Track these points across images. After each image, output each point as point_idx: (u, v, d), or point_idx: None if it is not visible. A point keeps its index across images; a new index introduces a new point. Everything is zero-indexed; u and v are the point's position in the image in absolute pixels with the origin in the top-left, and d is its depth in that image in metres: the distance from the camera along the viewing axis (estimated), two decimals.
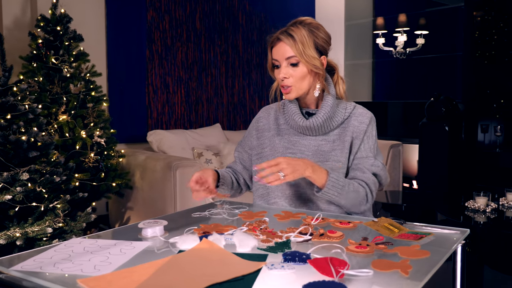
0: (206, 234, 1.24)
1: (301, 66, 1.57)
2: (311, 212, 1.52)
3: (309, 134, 1.65)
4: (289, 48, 1.55)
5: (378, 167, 1.63)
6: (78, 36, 3.30)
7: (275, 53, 1.58)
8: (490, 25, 4.83)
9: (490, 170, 4.55)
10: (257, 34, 4.81)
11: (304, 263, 1.02)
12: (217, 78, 4.52)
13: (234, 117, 4.67)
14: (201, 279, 0.94)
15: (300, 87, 1.59)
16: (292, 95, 1.60)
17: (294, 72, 1.57)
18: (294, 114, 1.64)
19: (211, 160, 3.67)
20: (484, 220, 2.74)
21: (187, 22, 4.30)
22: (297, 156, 1.64)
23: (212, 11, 4.47)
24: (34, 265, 1.06)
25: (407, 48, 4.93)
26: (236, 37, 4.65)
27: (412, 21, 4.90)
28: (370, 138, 1.65)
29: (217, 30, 4.51)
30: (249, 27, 4.75)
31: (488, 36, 4.86)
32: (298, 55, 1.55)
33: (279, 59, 1.57)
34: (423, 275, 0.97)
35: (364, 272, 0.97)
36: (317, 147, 1.64)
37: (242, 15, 4.69)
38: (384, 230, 1.26)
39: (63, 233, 2.84)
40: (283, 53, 1.56)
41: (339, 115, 1.65)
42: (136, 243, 1.21)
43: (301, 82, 1.58)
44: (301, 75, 1.57)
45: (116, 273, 1.00)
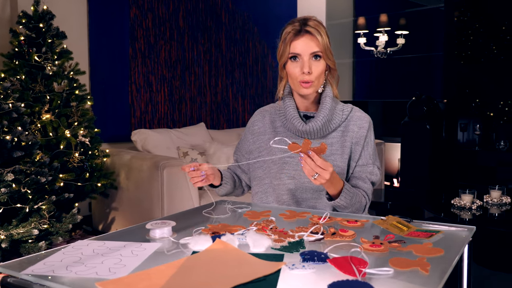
0: (216, 234, 1.23)
1: (322, 61, 1.56)
2: (315, 211, 1.52)
3: (307, 137, 1.63)
4: (316, 42, 1.53)
5: (376, 175, 1.66)
6: (61, 34, 3.23)
7: (298, 45, 1.54)
8: (466, 26, 4.94)
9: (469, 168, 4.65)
10: (240, 33, 4.80)
11: (324, 263, 1.02)
12: (200, 77, 4.49)
13: (217, 116, 4.65)
14: (224, 281, 0.93)
15: (319, 83, 1.58)
16: (311, 90, 1.57)
17: (317, 67, 1.55)
18: (293, 118, 1.61)
19: (196, 159, 3.64)
20: (469, 217, 2.80)
21: (170, 20, 4.25)
22: (295, 161, 1.63)
23: (195, 10, 4.43)
24: (45, 269, 1.03)
25: (388, 48, 5.00)
26: (219, 35, 4.63)
27: (392, 21, 4.97)
28: (369, 144, 1.66)
29: (201, 29, 4.47)
30: (232, 26, 4.73)
31: (465, 37, 4.97)
32: (323, 50, 1.54)
33: (302, 52, 1.54)
34: (443, 273, 0.97)
35: (384, 271, 0.97)
36: None
37: (225, 14, 4.67)
38: (393, 228, 1.26)
39: (48, 235, 2.77)
40: (308, 47, 1.53)
41: (337, 118, 1.63)
42: (146, 245, 1.19)
43: (319, 78, 1.57)
44: (322, 71, 1.57)
45: (133, 275, 0.98)
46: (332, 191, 1.49)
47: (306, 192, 1.63)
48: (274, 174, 1.65)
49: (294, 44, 1.56)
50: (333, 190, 1.48)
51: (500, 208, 2.91)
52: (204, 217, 1.49)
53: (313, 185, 1.60)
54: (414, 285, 0.92)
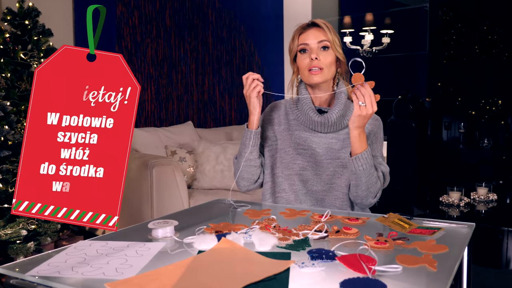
0: (220, 233, 1.22)
1: (330, 52, 1.62)
2: (315, 209, 1.52)
3: (320, 131, 1.66)
4: (323, 32, 1.62)
5: (386, 168, 1.68)
6: (48, 31, 3.18)
7: (306, 37, 1.63)
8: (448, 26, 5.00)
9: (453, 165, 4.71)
10: (226, 31, 4.79)
11: (332, 260, 1.02)
12: (187, 75, 4.46)
13: (204, 115, 4.63)
14: (235, 280, 0.92)
15: (328, 73, 1.62)
16: (320, 78, 1.61)
17: (325, 56, 1.61)
18: (308, 110, 1.64)
19: (185, 158, 3.63)
20: (457, 214, 2.84)
21: (157, 18, 4.22)
22: (308, 153, 1.66)
23: (182, 8, 4.40)
24: (50, 270, 1.01)
25: (374, 47, 5.03)
26: (206, 34, 4.61)
27: (378, 20, 5.01)
28: (378, 140, 1.71)
29: (187, 27, 4.45)
30: (219, 24, 4.71)
31: (447, 36, 5.03)
32: (331, 41, 1.61)
33: (310, 42, 1.61)
34: (450, 269, 0.99)
35: (393, 268, 0.98)
36: (327, 144, 1.66)
37: (212, 12, 4.65)
38: (395, 226, 1.28)
39: (37, 235, 2.73)
40: (316, 37, 1.61)
41: (350, 115, 1.67)
42: (149, 244, 1.18)
43: (329, 67, 1.62)
44: (331, 60, 1.62)
45: (142, 276, 0.97)
46: (357, 147, 1.50)
47: (317, 184, 1.64)
48: (287, 164, 1.67)
49: (302, 37, 1.64)
50: (359, 144, 1.50)
51: (487, 205, 2.96)
52: (204, 216, 1.48)
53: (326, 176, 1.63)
54: (424, 282, 0.93)
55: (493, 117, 4.73)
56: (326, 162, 1.65)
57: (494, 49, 4.80)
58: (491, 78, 4.87)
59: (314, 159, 1.66)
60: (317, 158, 1.66)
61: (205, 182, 3.52)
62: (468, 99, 4.84)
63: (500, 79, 4.81)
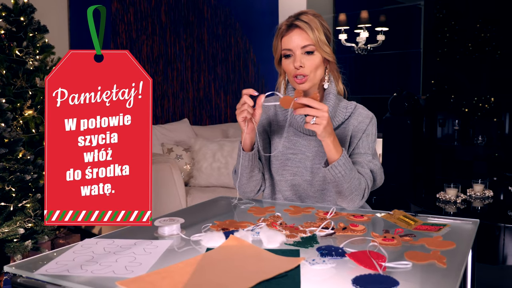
0: (227, 231, 1.22)
1: (316, 54, 1.52)
2: (320, 206, 1.53)
3: (309, 133, 1.62)
4: (305, 35, 1.50)
5: (376, 165, 1.61)
6: (43, 28, 3.15)
7: (288, 41, 1.52)
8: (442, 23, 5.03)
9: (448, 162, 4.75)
10: (222, 28, 4.77)
11: (342, 257, 1.03)
12: (182, 72, 4.45)
13: (200, 112, 4.62)
14: (247, 277, 0.92)
15: (315, 77, 1.54)
16: (307, 85, 1.53)
17: (310, 61, 1.51)
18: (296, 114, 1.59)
19: (181, 155, 3.62)
20: (454, 211, 2.86)
21: (152, 15, 4.20)
22: (298, 157, 1.62)
23: (177, 4, 4.38)
24: (59, 268, 1.01)
25: (368, 44, 5.05)
26: (202, 31, 4.59)
27: (372, 18, 5.02)
28: (369, 136, 1.62)
29: (182, 24, 4.43)
30: (214, 21, 4.70)
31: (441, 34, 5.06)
32: (315, 42, 1.50)
33: (293, 47, 1.51)
34: (460, 265, 0.99)
35: (403, 264, 0.98)
36: (317, 148, 1.61)
37: (207, 9, 4.64)
38: (401, 222, 1.28)
39: (34, 234, 2.71)
40: (298, 41, 1.51)
41: (340, 115, 1.61)
42: (157, 242, 1.18)
43: (315, 71, 1.53)
44: (317, 64, 1.53)
45: (153, 273, 0.97)
46: (333, 154, 1.42)
47: (308, 190, 1.62)
48: (276, 170, 1.64)
49: (284, 40, 1.54)
50: (334, 151, 1.42)
51: (483, 202, 2.98)
52: (209, 214, 1.48)
53: (316, 182, 1.60)
54: (435, 279, 0.94)
55: (486, 114, 4.77)
56: (316, 167, 1.60)
57: (487, 47, 4.84)
58: (484, 76, 4.91)
59: (304, 164, 1.61)
60: (307, 163, 1.61)
61: (202, 179, 3.51)
62: (461, 97, 4.88)
63: (493, 77, 4.85)
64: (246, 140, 1.53)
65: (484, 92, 4.82)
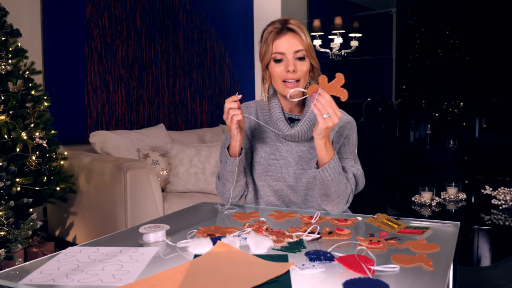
0: (213, 236, 1.22)
1: (306, 60, 1.53)
2: (303, 211, 1.53)
3: (291, 140, 1.62)
4: (299, 38, 1.51)
5: (358, 170, 1.64)
6: (16, 31, 3.08)
7: (281, 45, 1.51)
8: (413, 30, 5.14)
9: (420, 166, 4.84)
10: (197, 33, 4.76)
11: (331, 261, 1.03)
12: (158, 77, 4.42)
13: (175, 117, 4.58)
14: (238, 283, 0.92)
15: (304, 83, 1.54)
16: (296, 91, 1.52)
17: (301, 66, 1.52)
18: (278, 121, 1.58)
19: (158, 161, 3.58)
20: (429, 214, 2.91)
21: (127, 20, 4.15)
22: (281, 163, 1.62)
23: (153, 9, 4.35)
24: (44, 278, 0.98)
25: (342, 50, 5.11)
26: (177, 35, 4.57)
27: (346, 24, 5.09)
28: (350, 141, 1.65)
29: (158, 28, 4.40)
30: (190, 26, 4.68)
31: (412, 40, 5.17)
32: (306, 48, 1.52)
33: (286, 51, 1.51)
34: (446, 267, 1.01)
35: (391, 268, 1.00)
36: (299, 153, 1.61)
37: (183, 14, 4.62)
38: (385, 226, 1.30)
39: (7, 242, 2.64)
40: (292, 45, 1.50)
41: None
42: (142, 249, 1.16)
43: (305, 77, 1.54)
44: (306, 70, 1.54)
45: (143, 281, 0.95)
46: (324, 155, 1.44)
47: (291, 195, 1.62)
48: (259, 175, 1.64)
49: (276, 43, 1.52)
50: (325, 153, 1.44)
51: (457, 204, 3.04)
52: (193, 220, 1.47)
53: (299, 187, 1.60)
54: (423, 280, 0.95)
55: (456, 118, 4.89)
56: (299, 172, 1.60)
57: (456, 53, 4.97)
58: (454, 81, 5.03)
59: (286, 169, 1.61)
60: (289, 169, 1.61)
61: (179, 185, 3.49)
62: (432, 101, 4.99)
63: (462, 82, 4.98)
64: (236, 147, 1.53)
65: (454, 97, 4.94)
